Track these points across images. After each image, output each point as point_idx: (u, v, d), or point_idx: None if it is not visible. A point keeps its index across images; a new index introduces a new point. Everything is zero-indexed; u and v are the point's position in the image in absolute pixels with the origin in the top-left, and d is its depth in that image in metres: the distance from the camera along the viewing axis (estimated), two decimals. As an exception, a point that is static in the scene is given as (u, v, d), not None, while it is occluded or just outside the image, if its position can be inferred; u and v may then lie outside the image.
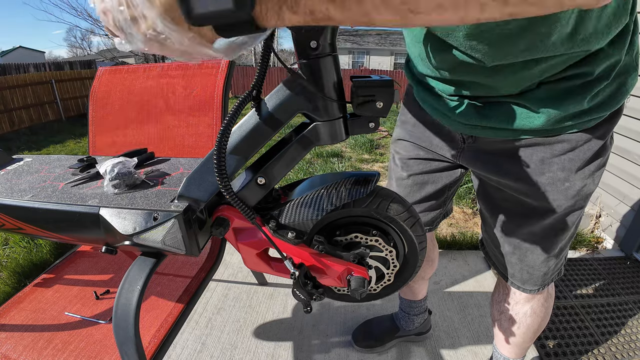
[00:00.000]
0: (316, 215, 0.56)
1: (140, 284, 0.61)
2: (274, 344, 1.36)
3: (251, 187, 0.55)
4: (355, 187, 0.57)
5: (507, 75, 0.60)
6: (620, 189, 1.95)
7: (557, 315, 1.48)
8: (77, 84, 8.49)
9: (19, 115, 7.07)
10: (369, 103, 0.49)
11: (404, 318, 1.31)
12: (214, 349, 1.33)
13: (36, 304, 0.97)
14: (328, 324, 1.45)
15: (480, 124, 0.69)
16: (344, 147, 4.30)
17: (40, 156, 0.95)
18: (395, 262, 0.63)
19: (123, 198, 0.64)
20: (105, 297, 1.01)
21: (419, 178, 0.91)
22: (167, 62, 1.25)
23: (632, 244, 1.88)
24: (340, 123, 0.52)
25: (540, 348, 1.33)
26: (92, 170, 0.78)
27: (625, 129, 1.86)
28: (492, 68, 0.59)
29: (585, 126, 0.64)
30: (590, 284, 1.68)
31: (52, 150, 5.53)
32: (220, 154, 0.48)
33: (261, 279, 1.67)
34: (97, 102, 1.26)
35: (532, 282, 0.84)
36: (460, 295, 1.61)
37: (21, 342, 0.84)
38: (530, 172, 0.70)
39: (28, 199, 0.68)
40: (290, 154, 0.54)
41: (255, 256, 0.65)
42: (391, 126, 5.03)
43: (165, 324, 0.86)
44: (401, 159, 0.94)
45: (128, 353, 0.63)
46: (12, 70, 8.30)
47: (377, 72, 12.25)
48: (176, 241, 0.57)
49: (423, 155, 0.89)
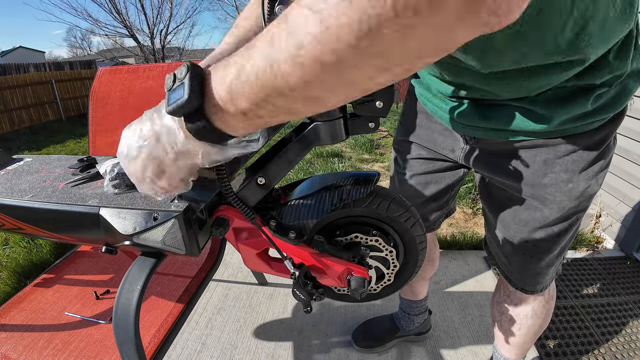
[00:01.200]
0: (316, 215, 0.56)
1: (140, 284, 0.61)
2: (274, 344, 1.36)
3: (251, 187, 0.55)
4: (356, 187, 0.57)
5: (504, 84, 0.60)
6: (620, 189, 1.95)
7: (557, 315, 1.48)
8: (77, 84, 8.50)
9: (19, 115, 7.08)
10: (368, 103, 0.49)
11: (404, 318, 1.31)
12: (214, 349, 1.33)
13: (36, 304, 0.97)
14: (328, 324, 1.45)
15: (482, 126, 0.69)
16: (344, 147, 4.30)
17: (40, 156, 0.95)
18: (395, 262, 0.63)
19: (123, 198, 0.64)
20: (105, 297, 1.00)
21: (422, 178, 0.91)
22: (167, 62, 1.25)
23: (632, 244, 1.87)
24: (340, 123, 0.52)
25: (540, 348, 1.33)
26: (92, 170, 0.78)
27: (626, 129, 1.86)
28: (488, 75, 0.59)
29: (588, 128, 0.63)
30: (591, 284, 1.68)
31: (52, 150, 5.53)
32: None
33: (261, 279, 1.67)
34: (97, 102, 1.26)
35: (533, 282, 0.84)
36: (460, 295, 1.61)
37: (21, 342, 0.84)
38: (534, 173, 0.69)
39: (28, 199, 0.68)
40: (290, 154, 0.54)
41: (255, 256, 0.65)
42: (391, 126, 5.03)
43: (165, 324, 0.86)
44: (404, 159, 0.93)
45: (128, 353, 0.63)
46: (12, 70, 8.29)
47: (377, 72, 12.20)
48: (176, 241, 0.57)
49: (426, 155, 0.89)
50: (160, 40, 14.08)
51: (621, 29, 0.53)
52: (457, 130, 0.76)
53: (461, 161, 0.82)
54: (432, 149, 0.86)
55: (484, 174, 0.81)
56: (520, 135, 0.66)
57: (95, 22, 12.93)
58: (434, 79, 0.74)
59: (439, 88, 0.73)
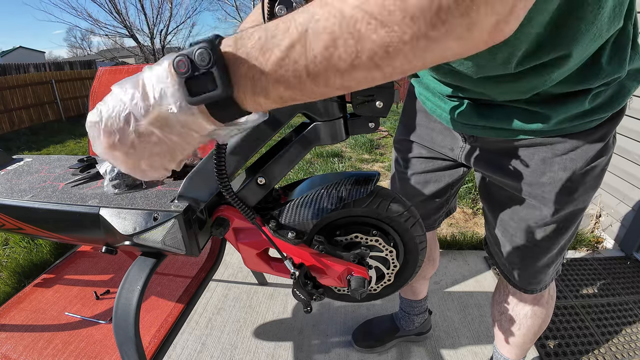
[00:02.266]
0: (316, 215, 0.56)
1: (140, 284, 0.61)
2: (274, 344, 1.36)
3: (251, 187, 0.55)
4: (356, 187, 0.57)
5: (497, 87, 0.60)
6: (620, 189, 1.95)
7: (557, 315, 1.48)
8: (77, 84, 8.49)
9: (19, 115, 7.08)
10: (368, 103, 0.49)
11: (404, 318, 1.31)
12: (214, 349, 1.33)
13: (36, 304, 0.97)
14: (328, 324, 1.45)
15: (481, 124, 0.69)
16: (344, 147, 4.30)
17: (40, 156, 0.95)
18: (395, 262, 0.63)
19: (123, 198, 0.64)
20: (105, 297, 1.01)
21: (422, 177, 0.91)
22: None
23: (632, 244, 1.87)
24: (340, 123, 0.52)
25: (540, 348, 1.33)
26: (92, 170, 0.78)
27: (626, 128, 1.86)
28: (481, 79, 0.60)
29: (587, 126, 0.63)
30: (591, 284, 1.68)
31: (52, 150, 5.53)
32: (220, 154, 0.48)
33: (261, 279, 1.67)
34: (97, 102, 1.25)
35: (533, 282, 0.84)
36: (460, 295, 1.61)
37: (21, 342, 0.84)
38: (532, 172, 0.70)
39: (28, 199, 0.68)
40: (291, 154, 0.54)
41: (256, 256, 0.65)
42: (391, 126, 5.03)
43: (165, 324, 0.86)
44: (404, 158, 0.94)
45: (128, 353, 0.63)
46: (12, 70, 8.29)
47: (377, 72, 12.21)
48: (176, 241, 0.57)
49: (426, 154, 0.89)
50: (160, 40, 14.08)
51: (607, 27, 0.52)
52: (456, 128, 0.76)
53: (461, 160, 0.82)
54: (432, 147, 0.86)
55: (483, 173, 0.81)
56: (519, 134, 0.66)
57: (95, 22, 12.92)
58: (432, 79, 0.74)
59: (438, 88, 0.74)
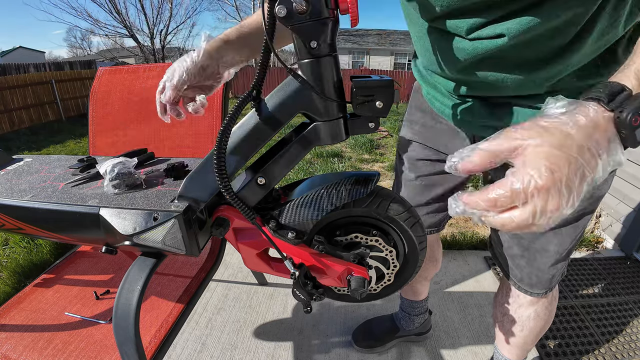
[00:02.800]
0: (316, 215, 0.56)
1: (140, 284, 0.61)
2: (274, 344, 1.36)
3: (251, 187, 0.55)
4: (355, 187, 0.57)
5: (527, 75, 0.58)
6: (620, 189, 1.95)
7: (557, 315, 1.48)
8: (77, 84, 8.49)
9: (19, 115, 7.08)
10: (369, 103, 0.49)
11: (405, 318, 1.31)
12: (214, 349, 1.33)
13: (36, 304, 0.97)
14: (328, 324, 1.45)
15: (490, 124, 0.68)
16: (344, 147, 4.30)
17: (40, 156, 0.95)
18: (395, 262, 0.63)
19: (123, 198, 0.64)
20: (105, 297, 1.00)
21: (427, 180, 0.90)
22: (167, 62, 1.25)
23: (632, 244, 1.87)
24: (340, 123, 0.52)
25: (540, 348, 1.33)
26: (92, 170, 0.78)
27: (626, 129, 1.86)
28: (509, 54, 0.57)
29: None
30: (591, 284, 1.68)
31: (52, 150, 5.53)
32: (220, 154, 0.48)
33: (261, 279, 1.67)
34: (97, 102, 1.26)
35: (539, 285, 0.83)
36: (460, 295, 1.61)
37: (21, 342, 0.84)
38: None
39: (28, 199, 0.68)
40: (291, 154, 0.54)
41: (256, 256, 0.65)
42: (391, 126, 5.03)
43: (165, 324, 0.86)
44: (409, 160, 0.92)
45: (128, 353, 0.63)
46: (12, 70, 8.30)
47: (377, 72, 12.24)
48: (176, 241, 0.57)
49: (432, 156, 0.88)
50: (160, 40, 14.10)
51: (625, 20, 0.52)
52: (462, 127, 0.75)
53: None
54: (438, 150, 0.86)
55: (491, 175, 0.80)
56: None
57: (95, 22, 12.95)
58: (440, 77, 0.73)
59: (446, 86, 0.73)
